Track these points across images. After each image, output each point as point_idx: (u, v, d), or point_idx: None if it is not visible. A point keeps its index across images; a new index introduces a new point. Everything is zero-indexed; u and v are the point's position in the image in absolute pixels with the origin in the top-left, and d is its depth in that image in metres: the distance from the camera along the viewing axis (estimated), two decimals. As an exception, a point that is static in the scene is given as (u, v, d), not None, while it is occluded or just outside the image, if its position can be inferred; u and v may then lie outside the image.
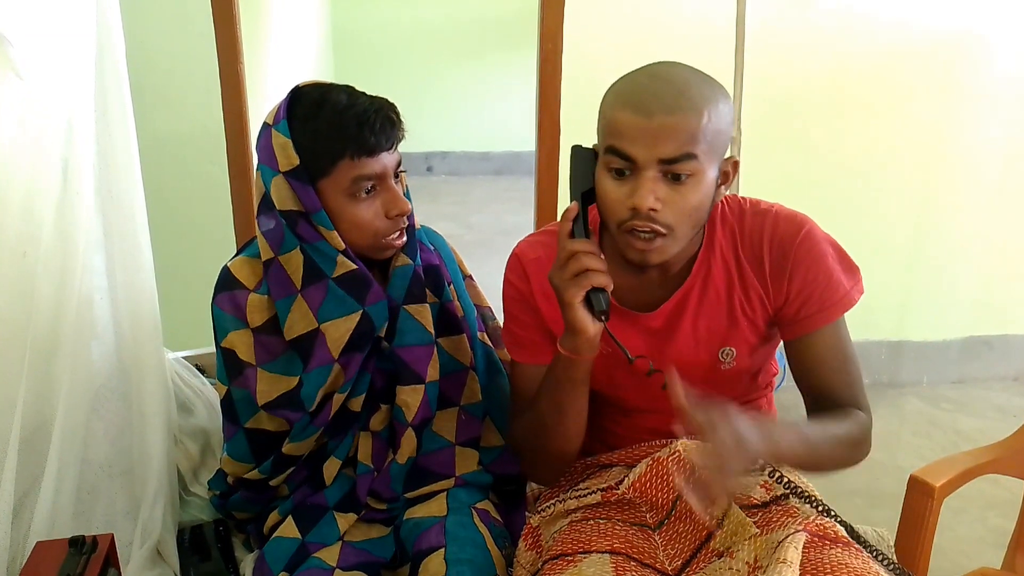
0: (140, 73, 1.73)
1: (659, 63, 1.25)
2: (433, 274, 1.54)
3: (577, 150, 1.28)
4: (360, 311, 1.41)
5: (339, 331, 1.41)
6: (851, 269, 1.37)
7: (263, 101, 2.75)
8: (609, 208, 1.23)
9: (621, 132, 1.18)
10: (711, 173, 1.21)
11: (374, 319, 1.43)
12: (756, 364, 1.43)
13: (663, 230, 1.21)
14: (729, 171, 1.27)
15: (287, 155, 1.34)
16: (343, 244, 1.38)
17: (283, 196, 1.36)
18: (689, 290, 1.36)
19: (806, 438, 1.24)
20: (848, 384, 1.36)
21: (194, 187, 2.62)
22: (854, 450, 1.33)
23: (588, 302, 1.20)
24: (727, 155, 1.26)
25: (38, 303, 1.43)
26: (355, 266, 1.40)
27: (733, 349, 1.38)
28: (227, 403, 1.52)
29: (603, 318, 1.20)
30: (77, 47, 1.49)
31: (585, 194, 1.26)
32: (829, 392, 1.36)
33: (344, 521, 1.48)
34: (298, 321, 1.42)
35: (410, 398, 1.47)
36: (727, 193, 1.35)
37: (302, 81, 1.42)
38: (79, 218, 1.47)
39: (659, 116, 1.16)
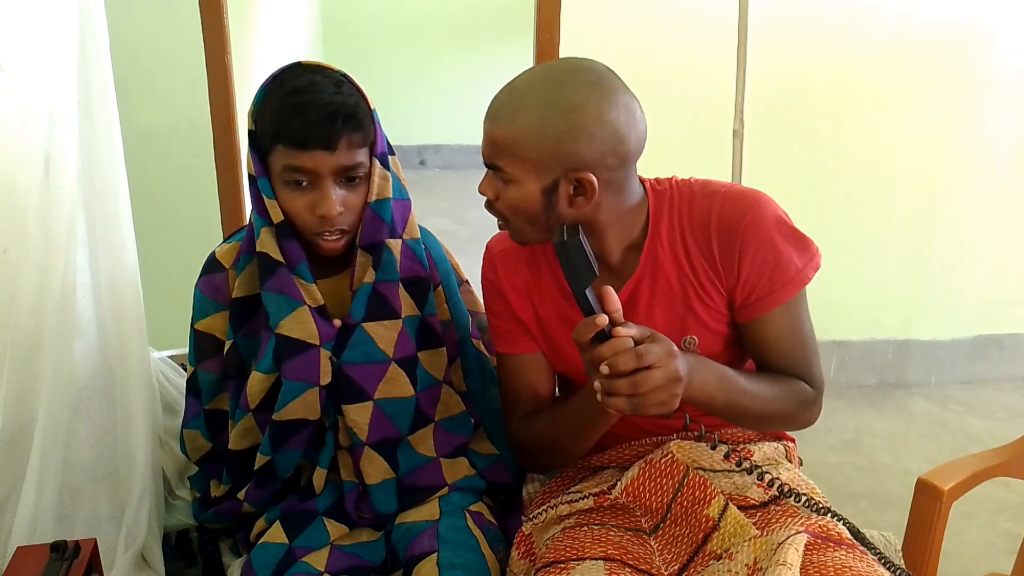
0: (124, 64, 1.73)
1: (546, 63, 1.34)
2: (418, 286, 1.52)
3: (570, 246, 1.21)
4: (257, 294, 1.45)
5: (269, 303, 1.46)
6: (804, 245, 1.38)
7: (251, 93, 2.75)
8: None
9: None
10: (532, 182, 1.28)
11: (266, 304, 1.43)
12: (729, 351, 1.45)
13: (501, 219, 1.37)
14: (578, 186, 1.28)
15: (249, 121, 1.40)
16: (281, 216, 1.40)
17: (248, 160, 1.41)
18: (639, 281, 1.39)
19: (727, 386, 1.29)
20: (802, 361, 1.41)
21: (180, 181, 2.62)
22: (787, 416, 1.39)
23: None
24: (579, 170, 1.26)
25: (19, 301, 1.42)
26: (270, 251, 1.42)
27: (695, 337, 1.40)
28: (192, 383, 1.56)
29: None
30: (59, 37, 1.49)
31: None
32: (782, 370, 1.40)
33: (335, 529, 1.49)
34: (246, 282, 1.47)
35: (358, 416, 1.45)
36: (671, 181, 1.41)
37: (306, 59, 1.43)
38: (61, 214, 1.47)
39: (486, 122, 1.32)
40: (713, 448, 1.34)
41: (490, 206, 1.37)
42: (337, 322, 1.45)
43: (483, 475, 1.57)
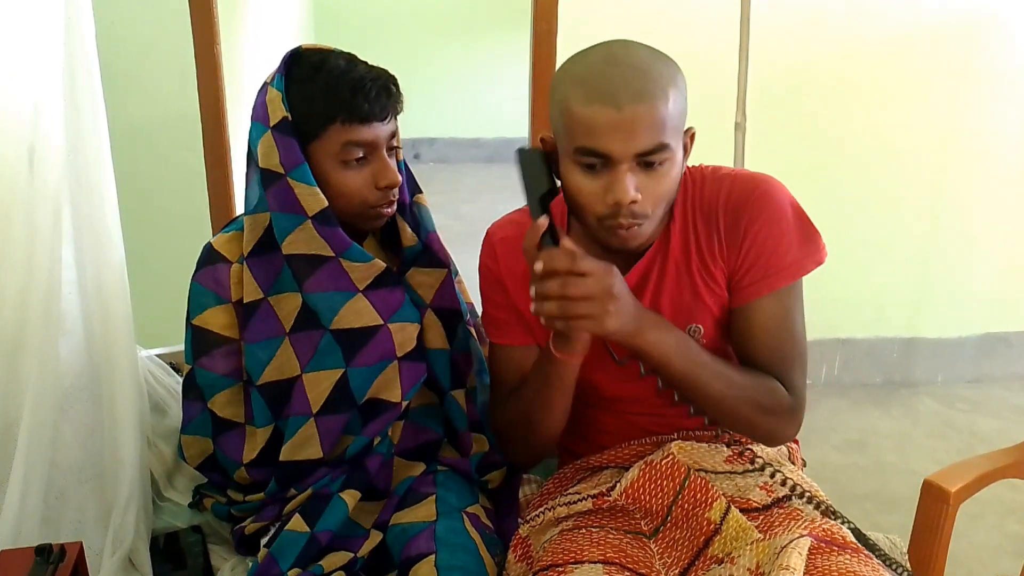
0: (111, 55, 1.72)
1: (611, 43, 1.27)
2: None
3: (525, 155, 1.31)
4: (298, 294, 1.45)
5: (286, 308, 1.47)
6: (810, 236, 1.37)
7: (241, 84, 2.74)
8: (586, 204, 1.26)
9: (592, 129, 1.20)
10: (680, 153, 1.27)
11: (314, 305, 1.45)
12: (729, 345, 1.45)
13: (642, 218, 1.26)
14: (687, 143, 1.31)
15: (275, 109, 1.40)
16: (325, 202, 1.41)
17: (267, 153, 1.41)
18: (648, 265, 1.39)
19: (687, 353, 1.29)
20: (783, 361, 1.38)
21: (168, 176, 2.62)
22: (754, 411, 1.35)
23: None
24: (687, 127, 1.29)
25: (3, 297, 1.42)
26: (305, 249, 1.43)
27: (700, 327, 1.41)
28: (190, 382, 1.55)
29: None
30: (44, 27, 1.48)
31: (543, 197, 1.29)
32: (761, 366, 1.38)
33: (351, 498, 1.49)
34: (247, 285, 1.47)
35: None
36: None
37: (304, 44, 1.46)
38: (47, 208, 1.47)
39: (629, 107, 1.18)
40: (716, 437, 1.34)
41: (630, 212, 1.25)
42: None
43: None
